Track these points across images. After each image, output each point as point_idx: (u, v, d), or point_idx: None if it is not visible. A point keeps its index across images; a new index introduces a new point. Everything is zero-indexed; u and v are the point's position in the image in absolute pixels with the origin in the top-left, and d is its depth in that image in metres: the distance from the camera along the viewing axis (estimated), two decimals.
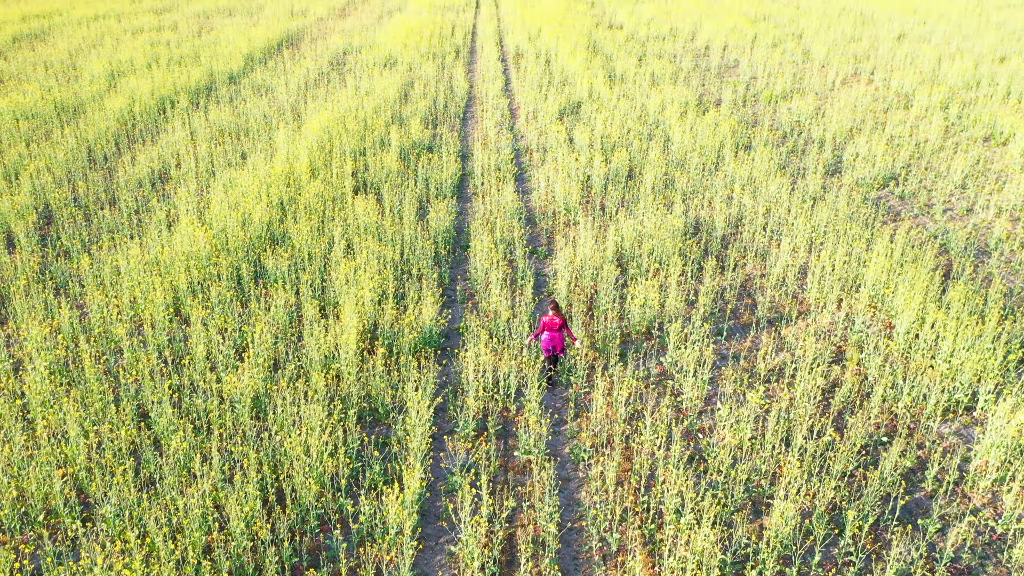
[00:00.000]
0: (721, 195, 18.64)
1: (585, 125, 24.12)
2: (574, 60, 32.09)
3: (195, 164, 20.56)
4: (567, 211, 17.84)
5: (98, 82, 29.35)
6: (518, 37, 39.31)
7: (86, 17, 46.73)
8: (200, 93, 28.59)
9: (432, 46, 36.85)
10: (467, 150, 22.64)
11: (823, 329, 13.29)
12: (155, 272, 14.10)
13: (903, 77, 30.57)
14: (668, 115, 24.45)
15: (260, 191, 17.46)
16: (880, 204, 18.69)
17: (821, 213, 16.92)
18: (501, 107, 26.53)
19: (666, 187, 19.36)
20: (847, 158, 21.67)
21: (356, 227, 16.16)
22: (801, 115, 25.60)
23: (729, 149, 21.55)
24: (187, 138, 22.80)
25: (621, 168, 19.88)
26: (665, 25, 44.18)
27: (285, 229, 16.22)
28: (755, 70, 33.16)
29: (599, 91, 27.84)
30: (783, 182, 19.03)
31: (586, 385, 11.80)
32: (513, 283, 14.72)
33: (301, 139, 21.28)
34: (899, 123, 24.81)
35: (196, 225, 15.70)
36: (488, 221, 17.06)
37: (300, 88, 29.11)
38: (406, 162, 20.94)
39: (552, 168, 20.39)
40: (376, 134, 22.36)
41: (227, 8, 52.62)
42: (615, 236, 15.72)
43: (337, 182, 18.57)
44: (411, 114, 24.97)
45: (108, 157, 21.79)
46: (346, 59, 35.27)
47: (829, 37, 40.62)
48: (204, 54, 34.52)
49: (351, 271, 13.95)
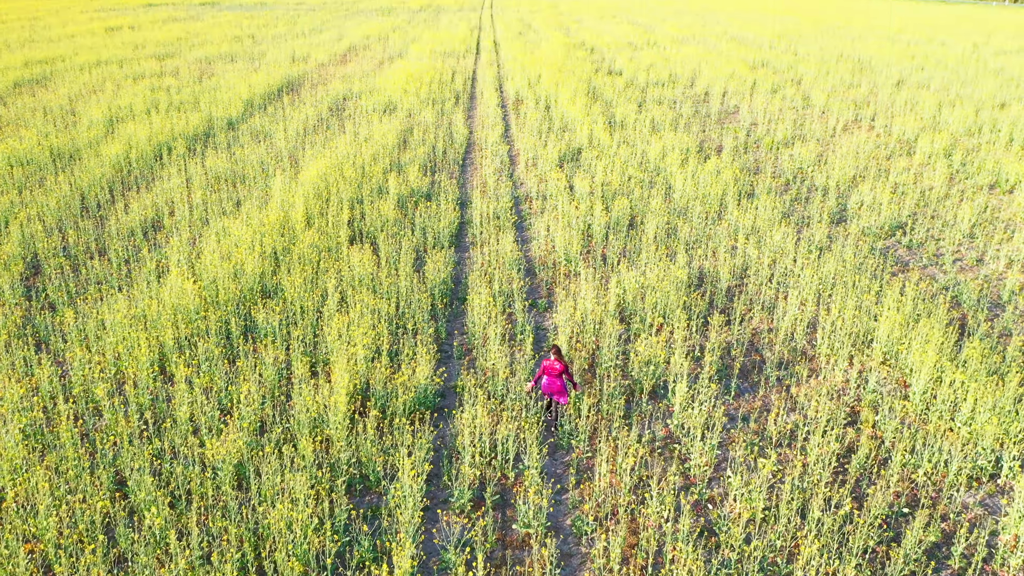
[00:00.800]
0: (725, 245, 18.23)
1: (585, 172, 23.85)
2: (574, 106, 32.04)
3: (189, 212, 20.21)
4: (567, 261, 17.41)
5: (96, 128, 29.22)
6: (518, 83, 39.42)
7: (88, 63, 46.98)
8: (198, 139, 28.42)
9: (432, 92, 36.90)
10: (466, 198, 22.32)
11: (835, 388, 12.74)
12: (141, 327, 13.60)
13: (904, 123, 30.47)
14: (669, 162, 24.20)
15: (253, 241, 17.05)
16: (888, 254, 18.27)
17: (828, 264, 16.49)
18: (500, 154, 26.32)
19: (668, 236, 18.96)
20: (852, 206, 21.33)
21: (351, 279, 15.71)
22: (803, 162, 25.36)
23: (732, 197, 21.22)
24: (182, 185, 22.50)
25: (622, 217, 19.51)
26: (664, 71, 44.40)
27: (278, 281, 15.77)
28: (755, 116, 33.11)
29: (599, 137, 27.68)
30: (788, 231, 18.65)
31: (588, 449, 11.21)
32: (512, 338, 14.20)
33: (297, 187, 20.97)
34: (903, 170, 24.56)
35: (186, 277, 15.25)
36: (486, 272, 16.62)
37: (299, 134, 28.96)
38: (404, 210, 20.59)
39: (552, 217, 20.04)
40: (374, 181, 22.06)
41: (229, 54, 53.02)
42: (617, 289, 15.26)
43: (332, 231, 18.18)
44: (409, 161, 24.73)
45: (101, 205, 21.46)
46: (346, 105, 35.27)
47: (828, 83, 40.76)
48: (204, 100, 34.51)
49: (344, 326, 13.45)
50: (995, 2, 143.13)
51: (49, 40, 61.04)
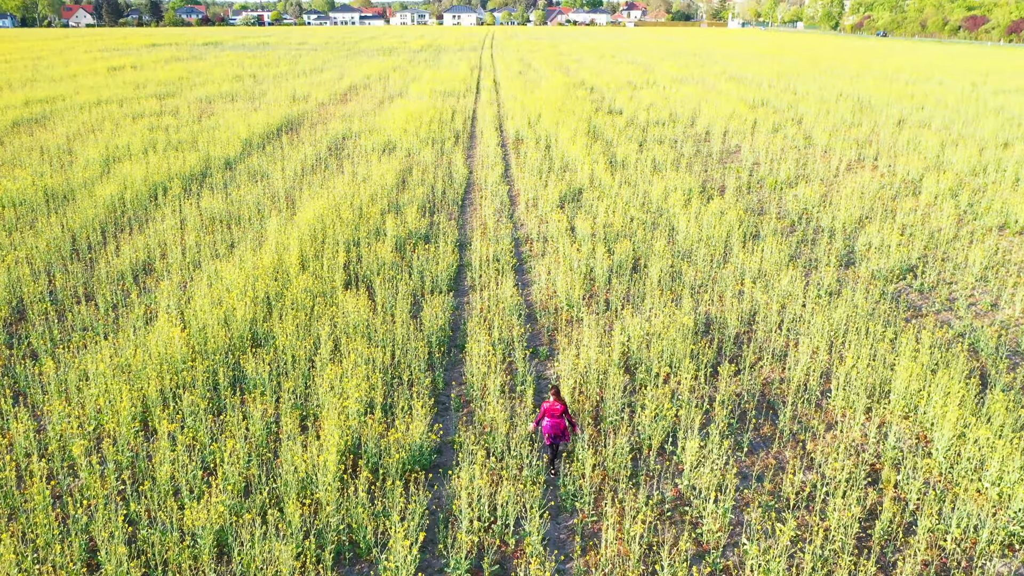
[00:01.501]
0: (731, 289, 17.71)
1: (586, 213, 23.44)
2: (574, 146, 31.81)
3: (181, 255, 19.72)
4: (569, 307, 16.87)
5: (92, 168, 28.92)
6: (518, 122, 39.31)
7: (89, 102, 46.99)
8: (194, 179, 28.10)
9: (431, 131, 36.75)
10: (465, 239, 21.87)
11: (853, 443, 12.10)
12: (124, 378, 13.00)
13: (908, 163, 30.19)
14: (672, 203, 23.81)
15: (246, 285, 16.52)
16: (899, 299, 17.73)
17: (839, 309, 15.94)
18: (500, 194, 25.96)
19: (673, 280, 18.45)
20: (859, 248, 20.86)
21: (345, 326, 15.14)
22: (808, 202, 24.98)
23: (737, 239, 20.77)
24: (176, 227, 22.07)
25: (625, 260, 19.03)
26: (664, 111, 44.38)
27: (269, 327, 15.20)
28: (757, 155, 32.86)
29: (600, 178, 27.35)
30: (795, 275, 18.14)
31: (594, 512, 10.53)
32: (512, 389, 13.59)
33: (293, 228, 20.52)
34: (909, 211, 24.15)
35: (174, 324, 14.69)
36: (486, 319, 16.07)
37: (296, 174, 28.65)
38: (401, 253, 20.12)
39: (553, 260, 19.55)
40: (371, 223, 21.63)
41: (230, 93, 53.17)
42: (621, 336, 14.69)
43: (327, 275, 17.67)
44: (408, 202, 24.34)
45: (93, 246, 20.99)
46: (345, 144, 35.07)
47: (829, 122, 40.67)
48: (202, 139, 34.31)
49: (337, 377, 12.85)
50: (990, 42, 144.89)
51: (51, 79, 61.33)
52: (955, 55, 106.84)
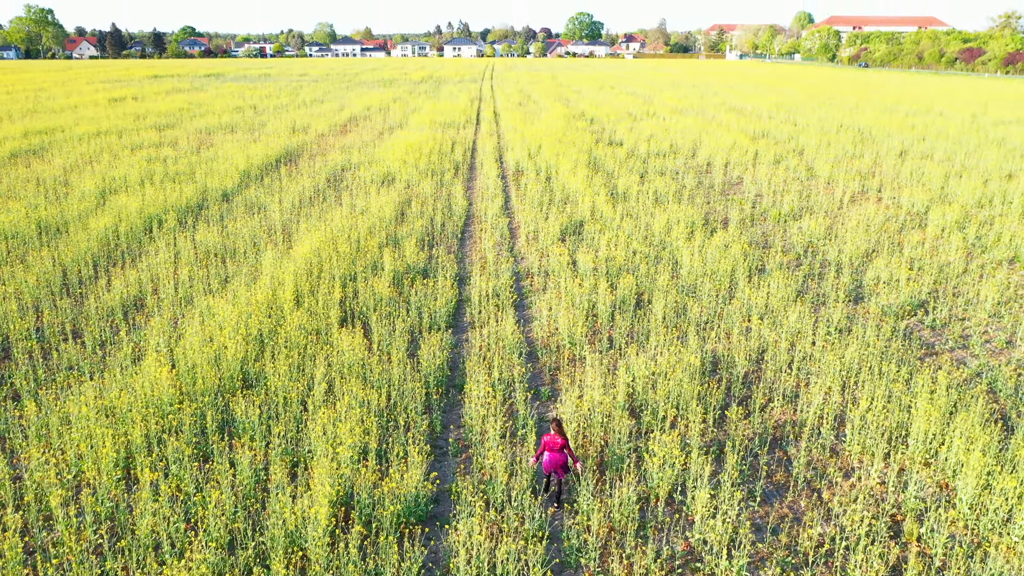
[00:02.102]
0: (738, 326, 17.21)
1: (588, 247, 23.02)
2: (575, 178, 31.51)
3: (173, 290, 19.24)
4: (572, 344, 16.35)
5: (87, 200, 28.57)
6: (518, 154, 39.11)
7: (88, 133, 46.91)
8: (191, 211, 27.73)
9: (431, 163, 36.51)
10: (464, 273, 21.42)
11: (871, 492, 11.50)
12: (109, 421, 12.44)
13: (912, 195, 29.86)
14: (675, 236, 23.40)
15: (238, 322, 16.03)
16: (911, 336, 17.22)
17: (850, 347, 15.42)
18: (500, 227, 25.57)
19: (678, 316, 17.95)
20: (868, 283, 20.41)
21: (340, 365, 14.61)
22: (813, 235, 24.58)
23: (742, 274, 20.31)
24: (169, 260, 21.63)
25: (628, 295, 18.55)
26: (665, 142, 44.23)
27: (261, 367, 14.66)
28: (760, 187, 32.56)
29: (601, 210, 27.00)
30: (803, 311, 17.66)
31: (600, 569, 9.92)
32: (513, 434, 13.02)
33: (289, 262, 20.08)
34: (916, 244, 23.73)
35: (162, 364, 14.17)
36: (485, 358, 15.54)
37: (294, 206, 28.29)
38: (399, 288, 19.65)
39: (554, 295, 19.08)
40: (369, 257, 21.19)
41: (230, 124, 53.14)
42: (625, 376, 14.15)
43: (323, 312, 17.18)
44: (407, 235, 23.93)
45: (84, 281, 20.53)
46: (344, 176, 34.80)
47: (830, 154, 40.47)
48: (200, 171, 34.05)
49: (330, 421, 12.30)
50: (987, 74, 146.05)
51: (52, 111, 61.41)
52: (953, 87, 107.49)
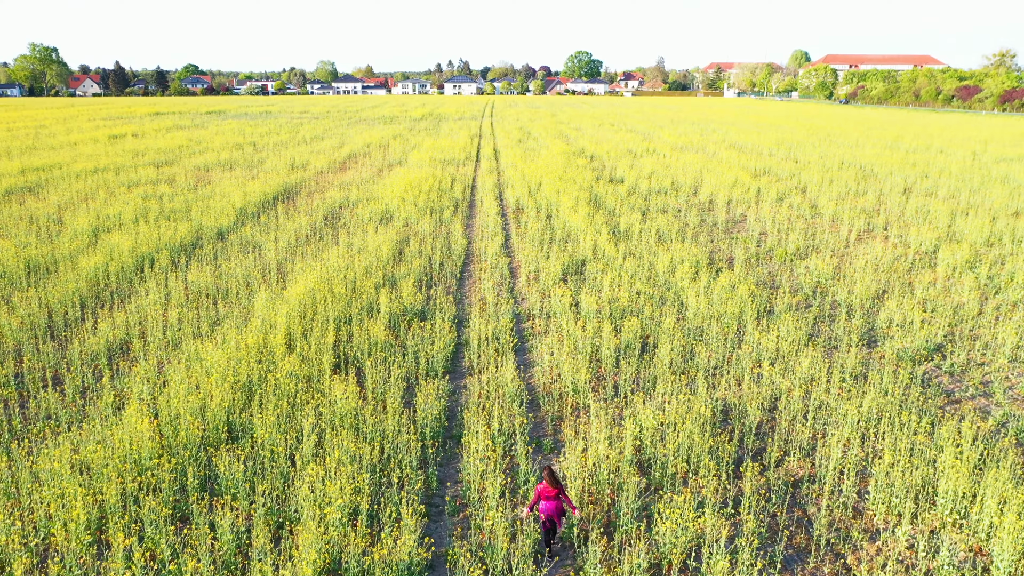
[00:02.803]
0: (749, 372, 16.49)
1: (590, 287, 22.40)
2: (576, 216, 31.03)
3: (162, 333, 18.56)
4: (575, 392, 15.62)
5: (79, 238, 28.02)
6: (518, 191, 38.72)
7: (85, 170, 46.60)
8: (184, 250, 27.16)
9: (430, 200, 36.08)
10: (463, 315, 20.75)
11: (900, 557, 10.70)
12: (82, 479, 11.67)
13: (920, 234, 29.34)
14: (679, 276, 22.79)
15: (226, 369, 15.31)
16: (930, 383, 16.49)
17: (867, 396, 14.69)
18: (500, 266, 24.97)
19: (685, 361, 17.25)
20: (880, 325, 19.74)
21: (331, 416, 13.87)
22: (821, 275, 23.96)
23: (750, 316, 19.66)
24: (159, 302, 20.97)
25: (633, 339, 17.87)
26: (666, 179, 43.91)
27: (248, 417, 13.92)
28: (763, 225, 32.07)
29: (603, 249, 26.44)
30: (816, 355, 16.96)
31: None
32: (514, 491, 12.24)
33: (282, 304, 19.44)
34: (928, 285, 23.11)
35: (144, 415, 13.43)
36: (484, 407, 14.80)
37: (290, 245, 27.73)
38: (395, 331, 18.97)
39: (556, 338, 18.39)
40: (365, 298, 20.55)
41: (228, 162, 52.93)
42: (632, 428, 13.40)
43: (315, 357, 16.48)
44: (404, 275, 23.32)
45: (70, 323, 19.85)
46: (341, 214, 34.32)
47: (834, 191, 40.09)
48: (196, 208, 33.59)
49: (319, 478, 11.53)
50: (984, 111, 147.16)
51: (51, 147, 61.30)
52: (951, 124, 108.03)
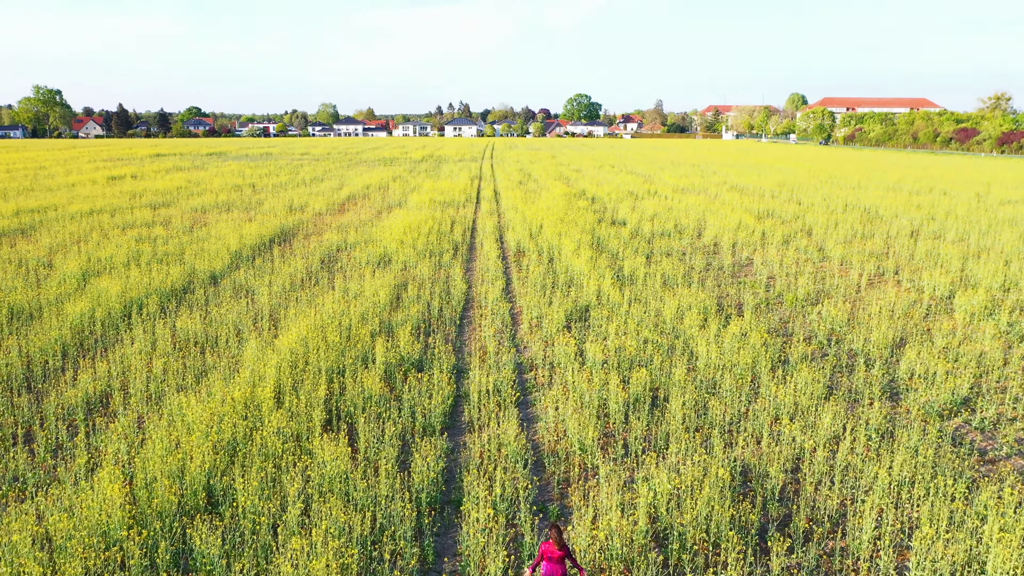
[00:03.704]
0: (767, 429, 15.48)
1: (596, 335, 21.48)
2: (579, 259, 30.25)
3: (145, 385, 17.57)
4: (582, 450, 14.59)
5: (67, 283, 27.20)
6: (519, 233, 38.02)
7: (81, 212, 46.03)
8: (175, 295, 26.28)
9: (429, 243, 35.34)
10: (463, 365, 19.79)
11: None
12: (43, 555, 10.61)
13: (932, 278, 28.51)
14: (688, 324, 21.87)
15: (210, 426, 14.31)
16: (961, 441, 15.47)
17: (897, 456, 13.66)
18: (501, 313, 24.06)
19: (699, 416, 16.24)
20: (901, 376, 18.77)
21: (320, 480, 12.83)
22: (834, 322, 23.05)
23: (764, 366, 18.70)
24: (145, 350, 20.02)
25: (642, 392, 16.89)
26: (669, 222, 43.28)
27: (230, 481, 12.88)
28: (771, 269, 31.27)
29: (608, 294, 25.57)
30: (837, 410, 15.96)
31: None
32: (519, 565, 11.16)
33: (272, 354, 18.49)
34: (947, 333, 22.19)
35: (117, 478, 12.40)
36: (486, 471, 13.75)
37: (284, 290, 26.86)
38: (391, 383, 18.00)
39: (561, 392, 17.39)
40: (360, 347, 19.60)
41: (226, 203, 52.41)
42: (646, 493, 12.36)
43: (305, 412, 15.47)
44: (402, 322, 22.40)
45: (49, 374, 18.88)
46: (339, 257, 33.55)
47: (840, 234, 39.40)
48: (190, 251, 32.83)
49: (303, 552, 10.47)
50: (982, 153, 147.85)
51: (49, 189, 60.91)
52: (951, 166, 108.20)
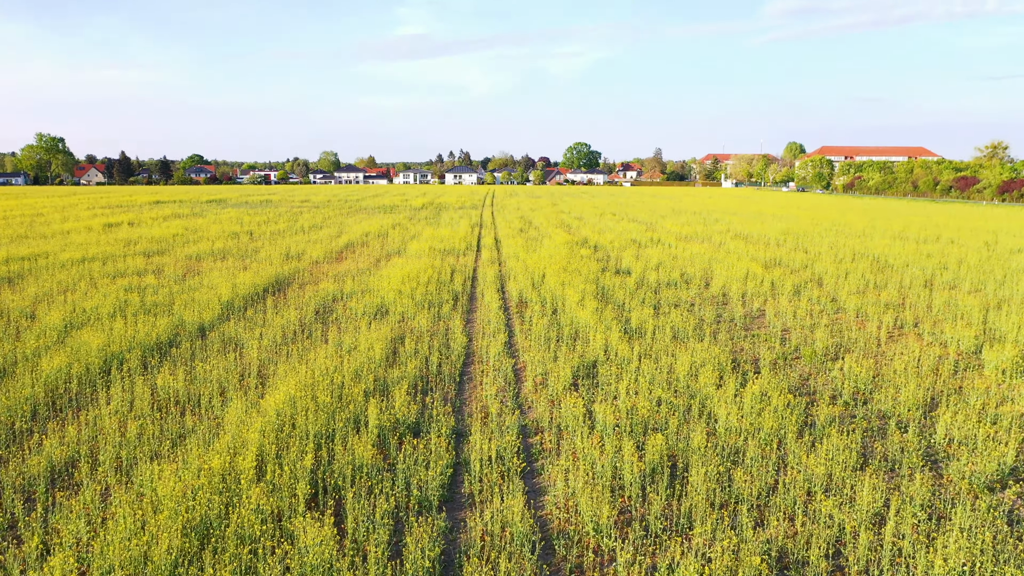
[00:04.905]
0: (800, 504, 13.99)
1: (605, 394, 20.08)
2: (584, 311, 28.98)
3: (116, 450, 16.10)
4: (596, 531, 13.09)
5: (47, 336, 25.85)
6: (521, 283, 36.83)
7: (72, 260, 44.91)
8: (159, 349, 24.89)
9: (428, 293, 34.11)
10: (463, 427, 18.35)
11: None
12: None
13: (955, 332, 27.20)
14: (703, 383, 20.49)
15: (181, 504, 12.84)
16: (1018, 520, 13.96)
17: (951, 539, 12.18)
18: (504, 369, 22.67)
19: (723, 490, 14.74)
20: (939, 442, 17.32)
21: (301, 569, 11.33)
22: (858, 380, 21.65)
23: (790, 430, 17.27)
24: (121, 411, 18.59)
25: (660, 462, 15.42)
26: (675, 271, 42.15)
27: (199, 570, 11.37)
28: (784, 321, 29.98)
29: (616, 348, 24.23)
30: (876, 483, 14.48)
31: None
32: None
33: (256, 417, 17.08)
34: (980, 392, 20.79)
35: (71, 569, 10.91)
36: (488, 557, 12.25)
37: (275, 344, 25.50)
38: (384, 449, 16.54)
39: (570, 460, 15.93)
40: (352, 408, 18.18)
41: (222, 251, 51.40)
42: None
43: (288, 485, 14.00)
44: (397, 379, 21.01)
45: (15, 437, 17.41)
46: (334, 307, 32.27)
47: (852, 284, 38.22)
48: (179, 301, 31.57)
49: None
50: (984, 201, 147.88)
51: (42, 236, 59.99)
52: (954, 214, 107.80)
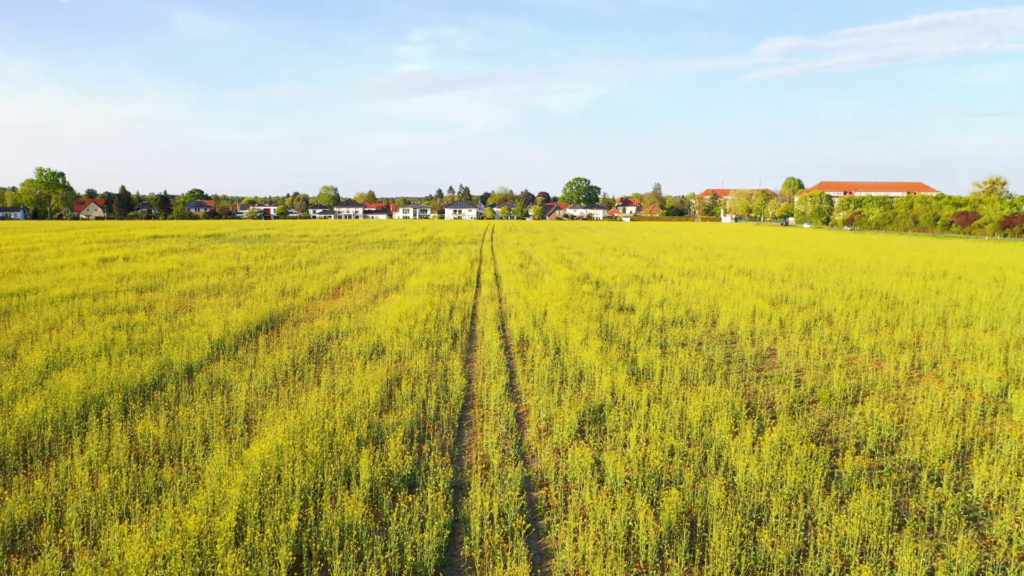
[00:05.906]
0: (835, 572, 12.67)
1: (613, 442, 18.82)
2: (588, 350, 27.79)
3: (85, 508, 14.80)
4: None
5: (26, 377, 24.59)
6: (522, 321, 35.66)
7: (63, 296, 43.78)
8: (142, 392, 23.62)
9: (427, 331, 32.92)
10: (462, 480, 17.05)
11: None
12: None
13: (976, 373, 26.00)
14: (718, 430, 19.23)
15: (149, 573, 11.54)
16: None
17: None
18: (505, 414, 21.41)
19: (747, 552, 13.42)
20: (978, 497, 16.03)
21: None
22: (882, 426, 20.40)
23: (816, 483, 15.98)
24: (97, 460, 17.30)
25: (677, 522, 14.12)
26: (679, 308, 41.01)
27: None
28: (797, 361, 28.77)
29: (623, 391, 23.00)
30: (917, 547, 13.18)
31: None
32: None
33: (239, 469, 15.79)
34: (1016, 439, 19.52)
35: None
36: None
37: (264, 386, 24.25)
38: (377, 506, 15.24)
39: (578, 519, 14.62)
40: (343, 459, 16.90)
41: (217, 287, 50.31)
42: None
43: (269, 550, 12.70)
44: (392, 426, 19.75)
45: None
46: (328, 346, 31.05)
47: (863, 322, 37.07)
48: (168, 340, 30.34)
49: None
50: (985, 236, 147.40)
51: (35, 271, 58.94)
52: (958, 249, 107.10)
